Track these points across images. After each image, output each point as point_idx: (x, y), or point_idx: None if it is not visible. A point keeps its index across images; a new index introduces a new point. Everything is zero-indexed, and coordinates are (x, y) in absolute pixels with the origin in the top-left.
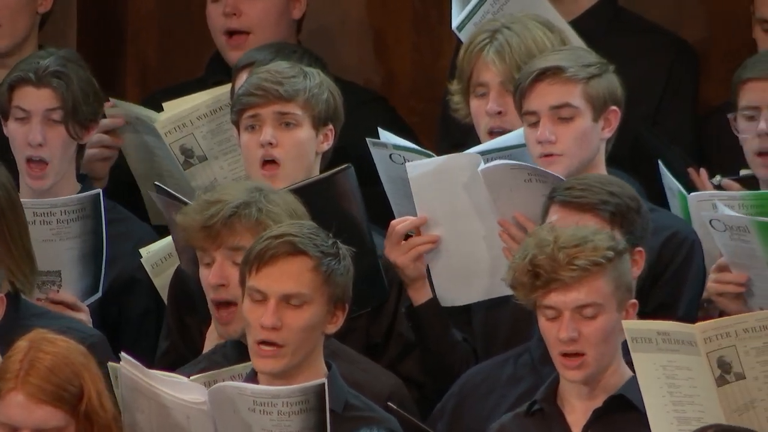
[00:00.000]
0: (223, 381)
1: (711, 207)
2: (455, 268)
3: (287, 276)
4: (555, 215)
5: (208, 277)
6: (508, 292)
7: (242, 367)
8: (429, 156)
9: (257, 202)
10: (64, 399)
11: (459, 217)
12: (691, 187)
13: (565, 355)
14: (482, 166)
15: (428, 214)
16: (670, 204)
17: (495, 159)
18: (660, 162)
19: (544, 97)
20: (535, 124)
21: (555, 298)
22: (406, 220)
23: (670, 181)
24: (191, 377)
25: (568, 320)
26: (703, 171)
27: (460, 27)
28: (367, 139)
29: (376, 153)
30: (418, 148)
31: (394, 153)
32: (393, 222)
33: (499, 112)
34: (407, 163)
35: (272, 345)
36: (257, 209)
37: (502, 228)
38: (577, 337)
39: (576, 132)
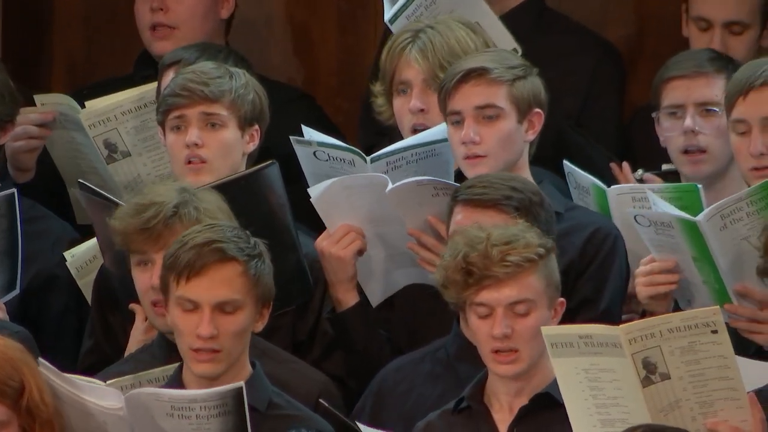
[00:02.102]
0: (141, 385)
1: (630, 200)
2: (376, 268)
3: (219, 284)
4: (459, 215)
5: (143, 278)
6: (424, 279)
7: (161, 371)
8: (353, 152)
9: (192, 201)
10: (5, 394)
11: (370, 223)
12: (612, 182)
13: (498, 351)
14: (390, 186)
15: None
16: (582, 202)
17: (420, 155)
18: (566, 161)
19: (468, 98)
20: (459, 125)
21: (488, 295)
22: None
23: (580, 176)
24: (109, 382)
25: (501, 317)
26: (625, 165)
27: (392, 19)
28: (290, 137)
29: (300, 150)
30: (343, 144)
31: (318, 150)
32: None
33: (422, 110)
34: (309, 189)
35: (209, 351)
36: (194, 208)
37: (414, 238)
38: (511, 334)
39: (500, 133)
